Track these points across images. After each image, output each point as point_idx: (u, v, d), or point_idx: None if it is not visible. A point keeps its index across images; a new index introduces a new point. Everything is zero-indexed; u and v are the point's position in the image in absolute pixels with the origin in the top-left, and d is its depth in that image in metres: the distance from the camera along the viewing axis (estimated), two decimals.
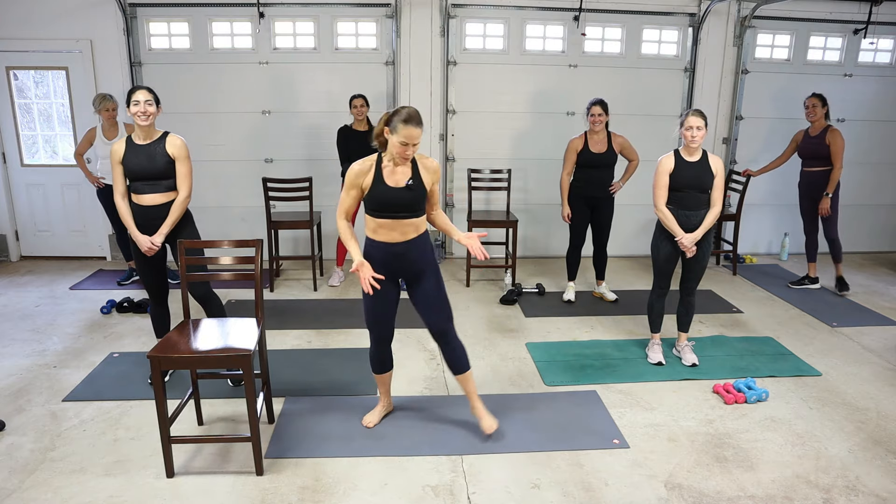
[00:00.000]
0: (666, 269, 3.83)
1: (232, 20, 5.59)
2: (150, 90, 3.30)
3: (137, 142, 3.32)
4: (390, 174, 2.80)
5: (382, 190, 2.78)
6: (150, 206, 3.32)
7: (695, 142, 3.60)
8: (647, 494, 2.68)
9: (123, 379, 3.62)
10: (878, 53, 6.18)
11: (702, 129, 3.58)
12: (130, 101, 3.25)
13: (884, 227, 6.61)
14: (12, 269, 5.74)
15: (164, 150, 3.31)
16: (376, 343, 3.05)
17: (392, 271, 2.91)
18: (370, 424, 3.15)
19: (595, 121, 4.59)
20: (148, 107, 3.24)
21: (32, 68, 5.62)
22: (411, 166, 2.82)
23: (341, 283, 5.35)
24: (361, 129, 5.06)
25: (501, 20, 5.75)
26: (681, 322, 3.98)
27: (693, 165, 3.66)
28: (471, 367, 3.09)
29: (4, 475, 2.73)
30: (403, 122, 2.67)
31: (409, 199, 2.79)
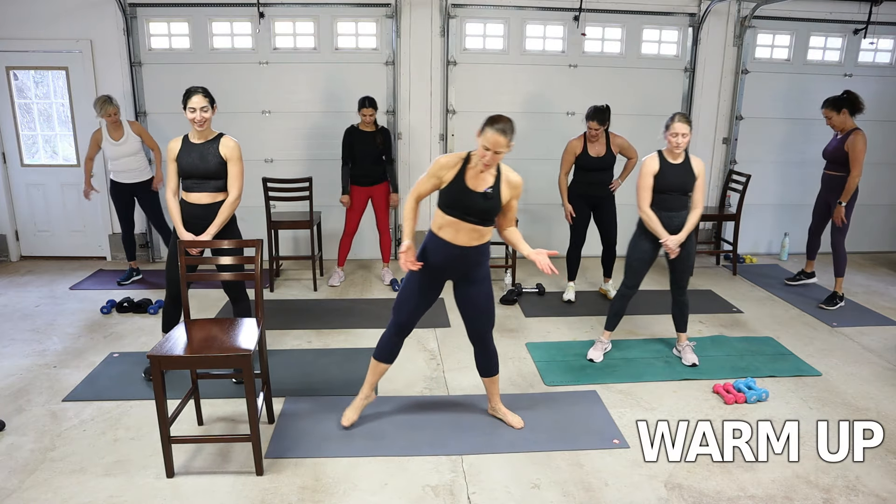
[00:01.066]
0: (639, 269, 3.86)
1: (232, 20, 5.59)
2: (206, 93, 3.32)
3: (193, 140, 3.38)
4: (473, 177, 2.81)
5: (460, 189, 2.79)
6: (196, 205, 3.39)
7: (679, 147, 3.64)
8: (647, 494, 2.68)
9: (123, 379, 3.62)
10: (878, 53, 6.18)
11: (687, 136, 3.62)
12: (187, 105, 3.28)
13: (884, 227, 6.61)
14: (12, 269, 5.74)
15: (216, 151, 3.36)
16: (395, 330, 3.04)
17: (444, 270, 2.93)
18: (348, 423, 3.11)
19: (592, 134, 4.60)
20: (203, 114, 3.29)
21: (32, 68, 5.62)
22: (496, 175, 2.83)
23: (341, 284, 5.33)
24: (368, 130, 5.03)
25: (501, 20, 5.75)
26: (677, 323, 3.99)
27: (677, 168, 3.70)
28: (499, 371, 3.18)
29: (4, 475, 2.73)
30: (491, 126, 2.71)
31: (483, 206, 2.80)
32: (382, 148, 5.05)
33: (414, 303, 2.98)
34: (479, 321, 3.02)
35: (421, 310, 3.02)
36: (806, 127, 6.19)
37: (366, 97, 4.94)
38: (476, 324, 3.03)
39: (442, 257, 2.88)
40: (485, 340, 3.06)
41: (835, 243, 4.89)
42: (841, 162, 4.81)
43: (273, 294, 5.13)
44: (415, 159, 5.94)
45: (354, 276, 5.61)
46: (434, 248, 2.89)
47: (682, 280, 3.88)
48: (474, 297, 2.98)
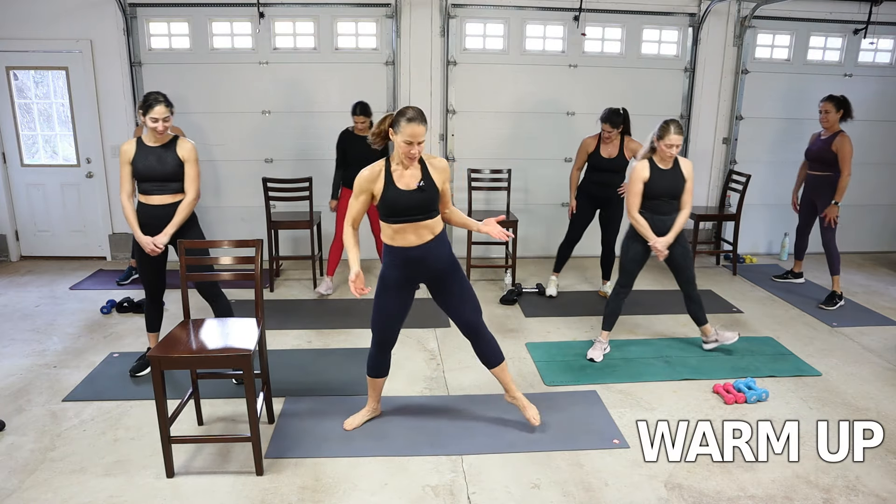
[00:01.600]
0: (631, 269, 3.90)
1: (232, 20, 5.59)
2: (167, 102, 3.31)
3: (148, 143, 3.37)
4: (400, 177, 2.78)
5: (394, 193, 2.76)
6: (157, 206, 3.39)
7: (672, 157, 3.69)
8: (647, 494, 2.68)
9: (123, 379, 3.63)
10: (878, 53, 6.18)
11: (680, 147, 3.66)
12: (147, 113, 3.27)
13: (884, 227, 6.61)
14: (12, 269, 5.74)
15: (174, 153, 3.37)
16: (378, 347, 3.04)
17: (412, 276, 2.92)
18: (350, 427, 3.12)
19: (607, 136, 4.61)
20: (165, 123, 3.31)
21: (32, 68, 5.62)
22: (420, 168, 2.81)
23: (329, 293, 5.13)
24: (363, 135, 4.91)
25: (501, 20, 5.75)
26: (697, 318, 4.02)
27: (667, 173, 3.75)
28: (504, 358, 3.11)
29: (4, 475, 2.73)
30: (407, 120, 2.68)
31: (422, 200, 2.78)
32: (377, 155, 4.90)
33: (390, 317, 2.96)
34: (465, 312, 2.97)
35: (398, 322, 2.99)
36: (806, 127, 6.16)
37: (357, 103, 4.81)
38: (463, 315, 2.97)
39: (405, 265, 2.86)
40: (478, 330, 3.00)
41: (825, 243, 4.93)
42: (827, 162, 4.86)
43: (273, 294, 5.13)
44: None
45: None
46: (396, 261, 2.87)
47: (687, 274, 3.91)
48: (451, 288, 2.94)
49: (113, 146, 5.69)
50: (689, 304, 4.01)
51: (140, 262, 3.51)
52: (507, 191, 5.60)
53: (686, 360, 3.95)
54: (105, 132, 5.67)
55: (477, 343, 3.05)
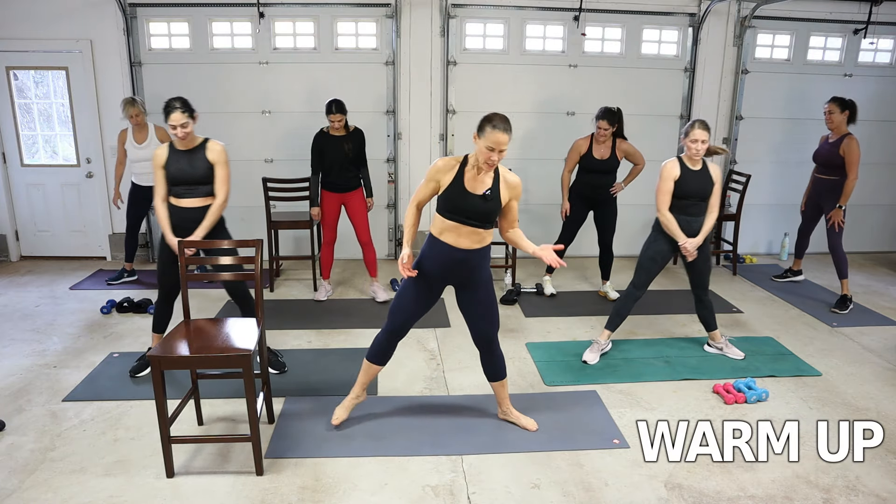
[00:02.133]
0: (650, 269, 3.88)
1: (232, 20, 5.59)
2: (184, 107, 3.34)
3: (179, 148, 3.43)
4: (471, 179, 2.79)
5: (459, 193, 2.77)
6: (187, 209, 3.44)
7: (699, 154, 3.68)
8: (647, 494, 2.68)
9: (123, 379, 3.63)
10: (878, 53, 6.18)
11: (706, 142, 3.65)
12: (168, 118, 3.33)
13: (884, 227, 6.61)
14: (12, 269, 5.74)
15: (203, 156, 3.43)
16: (389, 333, 3.03)
17: (445, 275, 2.93)
18: (338, 422, 3.12)
19: (602, 133, 4.60)
20: (184, 129, 3.34)
21: (32, 68, 5.62)
22: (493, 177, 2.81)
23: (328, 298, 5.01)
24: (339, 134, 4.67)
25: (501, 20, 5.75)
26: (706, 322, 4.02)
27: (697, 175, 3.74)
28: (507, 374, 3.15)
29: (4, 475, 2.73)
30: (492, 126, 2.67)
31: (483, 208, 2.78)
32: (352, 155, 4.67)
33: (411, 308, 2.97)
34: (483, 325, 3.01)
35: (417, 316, 3.01)
36: (806, 127, 6.18)
37: (333, 101, 4.59)
38: (481, 328, 3.01)
39: (443, 262, 2.87)
40: (491, 344, 3.05)
41: (832, 246, 4.86)
42: (835, 165, 4.82)
43: (273, 294, 5.13)
44: (415, 159, 5.94)
45: (354, 277, 5.61)
46: (435, 254, 2.87)
47: (704, 280, 3.90)
48: (478, 300, 2.97)
49: (113, 146, 5.68)
50: (699, 309, 3.98)
51: (161, 264, 3.52)
52: None
53: (686, 360, 3.95)
54: (105, 132, 5.67)
55: (487, 356, 3.08)
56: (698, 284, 3.91)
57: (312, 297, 5.03)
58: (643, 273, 3.89)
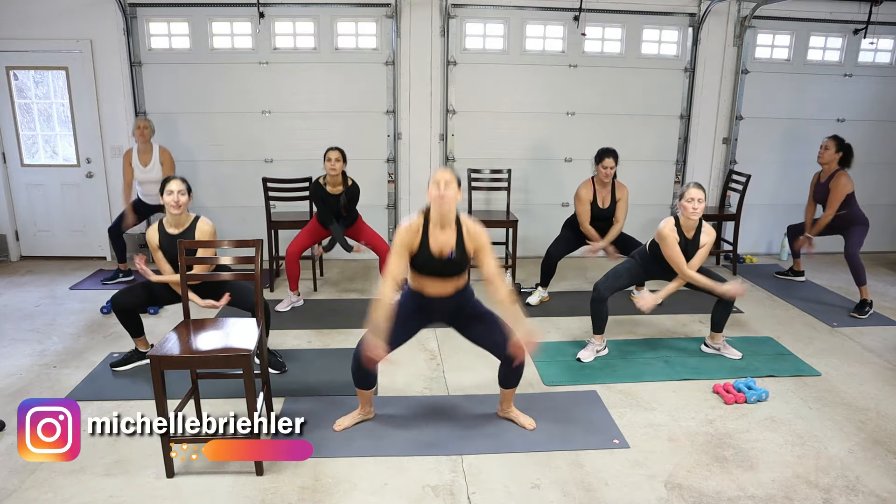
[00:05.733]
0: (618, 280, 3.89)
1: (232, 20, 5.59)
2: (184, 180, 3.42)
3: (169, 230, 3.45)
4: (435, 240, 2.83)
5: (427, 258, 2.84)
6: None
7: (696, 214, 3.66)
8: (647, 494, 2.68)
9: (123, 379, 3.63)
10: (878, 53, 6.18)
11: (703, 202, 3.64)
12: (164, 189, 3.37)
13: (884, 227, 6.61)
14: (12, 269, 5.74)
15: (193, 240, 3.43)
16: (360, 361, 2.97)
17: (428, 318, 3.01)
18: (339, 428, 3.12)
19: (607, 174, 4.55)
20: (181, 196, 3.37)
21: (32, 68, 5.62)
22: (456, 232, 2.85)
23: (290, 310, 4.74)
24: (335, 193, 4.62)
25: (501, 20, 5.75)
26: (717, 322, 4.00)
27: (687, 243, 3.76)
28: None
29: (4, 475, 2.73)
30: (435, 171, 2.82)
31: (451, 268, 2.86)
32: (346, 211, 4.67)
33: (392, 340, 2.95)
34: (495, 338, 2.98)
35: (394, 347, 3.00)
36: (806, 127, 6.19)
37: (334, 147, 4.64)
38: (497, 341, 2.98)
39: (422, 306, 2.97)
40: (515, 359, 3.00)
41: (850, 254, 4.82)
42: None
43: (273, 294, 5.13)
44: (415, 159, 5.94)
45: (354, 277, 5.61)
46: (414, 300, 2.96)
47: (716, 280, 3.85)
48: (484, 329, 3.00)
49: (113, 146, 5.69)
50: (719, 308, 3.94)
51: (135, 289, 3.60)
52: (507, 191, 5.60)
53: (686, 360, 3.95)
54: (105, 132, 5.67)
55: (508, 367, 3.03)
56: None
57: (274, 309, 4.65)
58: (613, 278, 3.90)
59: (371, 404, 3.20)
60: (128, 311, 3.60)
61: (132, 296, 3.59)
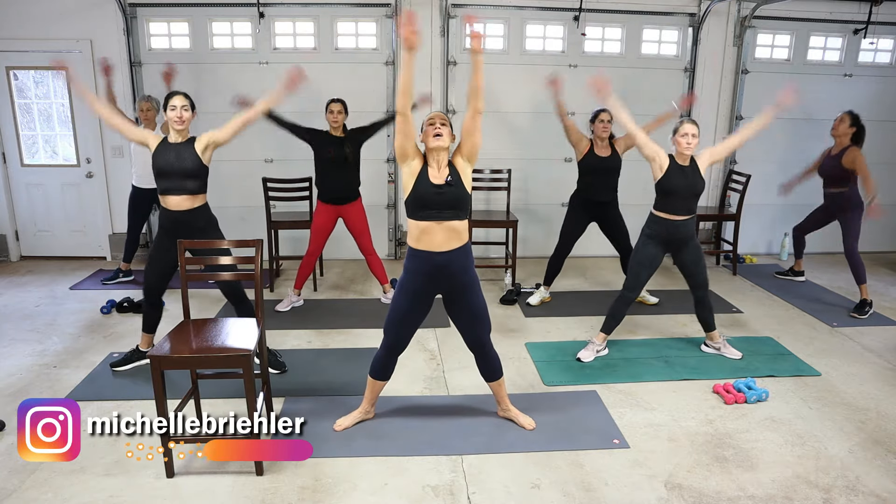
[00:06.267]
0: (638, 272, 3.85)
1: (232, 20, 5.59)
2: (187, 95, 3.43)
3: (171, 140, 3.44)
4: (433, 172, 2.86)
5: (425, 185, 2.82)
6: (176, 211, 3.41)
7: (689, 149, 3.65)
8: (647, 494, 2.68)
9: (123, 379, 3.63)
10: (878, 53, 6.18)
11: (697, 137, 3.64)
12: (167, 105, 3.37)
13: (884, 227, 6.59)
14: (12, 269, 5.74)
15: (192, 149, 3.41)
16: (387, 350, 3.04)
17: (432, 285, 2.93)
18: (340, 428, 3.12)
19: (605, 127, 4.52)
20: (184, 112, 3.37)
21: (32, 68, 5.62)
22: (448, 167, 2.88)
23: (290, 310, 4.73)
24: (336, 125, 4.57)
25: (501, 20, 5.75)
26: (706, 322, 4.00)
27: (685, 170, 3.71)
28: (504, 373, 3.16)
29: (4, 475, 2.73)
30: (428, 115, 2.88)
31: (451, 195, 2.82)
32: (352, 159, 4.56)
33: (405, 324, 2.98)
34: (475, 329, 3.01)
35: (412, 329, 3.02)
36: (806, 127, 6.19)
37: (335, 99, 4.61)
38: (473, 332, 3.02)
39: (426, 271, 2.88)
40: (484, 347, 3.05)
41: (848, 252, 4.82)
42: (841, 178, 4.83)
43: (273, 294, 5.13)
44: None
45: (354, 277, 5.61)
46: (417, 265, 2.89)
47: (698, 279, 3.85)
48: (469, 305, 2.97)
49: (113, 146, 5.69)
50: (698, 309, 3.96)
51: (152, 262, 3.53)
52: (507, 191, 5.60)
53: (686, 360, 3.95)
54: (105, 132, 5.67)
55: (482, 358, 3.09)
56: (695, 285, 3.88)
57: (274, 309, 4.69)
58: (633, 277, 3.88)
59: (374, 404, 3.20)
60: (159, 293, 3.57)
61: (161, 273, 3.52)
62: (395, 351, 3.05)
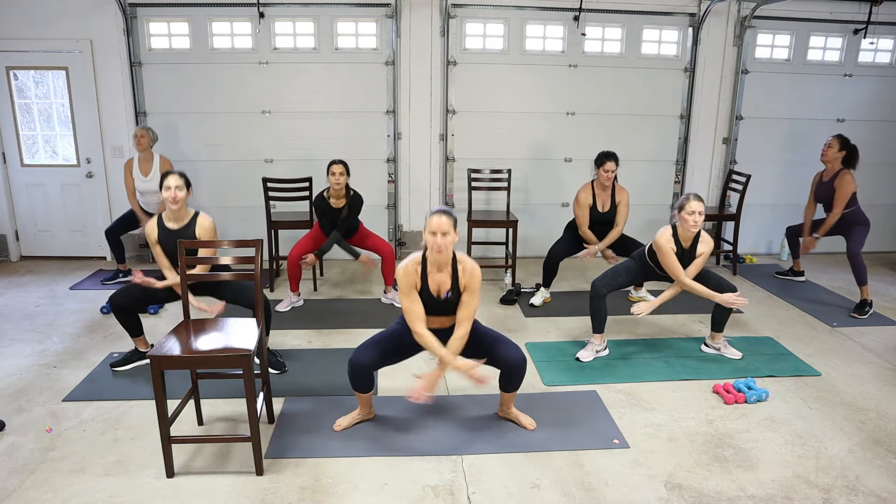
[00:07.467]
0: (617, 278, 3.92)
1: (232, 20, 5.59)
2: (182, 175, 3.44)
3: (169, 225, 3.48)
4: (433, 280, 2.90)
5: (426, 298, 2.92)
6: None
7: (696, 227, 3.66)
8: (647, 494, 2.68)
9: (123, 379, 3.63)
10: (878, 53, 6.18)
11: (703, 214, 3.64)
12: (163, 184, 3.40)
13: (884, 227, 6.61)
14: (12, 269, 5.74)
15: (193, 235, 3.46)
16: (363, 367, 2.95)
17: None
18: (339, 428, 3.12)
19: (608, 177, 4.53)
20: (178, 192, 3.39)
21: (32, 68, 5.62)
22: (452, 274, 2.90)
23: (290, 310, 4.74)
24: (338, 207, 4.61)
25: (501, 20, 5.75)
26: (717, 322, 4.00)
27: (685, 253, 3.78)
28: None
29: (4, 475, 2.73)
30: (431, 213, 2.82)
31: (449, 306, 2.94)
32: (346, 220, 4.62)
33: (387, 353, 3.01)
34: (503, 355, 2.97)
35: (391, 361, 3.06)
36: (806, 127, 6.20)
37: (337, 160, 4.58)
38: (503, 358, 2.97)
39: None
40: (519, 366, 2.98)
41: (852, 254, 4.80)
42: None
43: (273, 294, 5.13)
44: (415, 159, 5.94)
45: (354, 277, 5.61)
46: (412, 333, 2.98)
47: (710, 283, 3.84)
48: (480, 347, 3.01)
49: (113, 146, 5.70)
50: (717, 307, 3.93)
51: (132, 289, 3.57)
52: (507, 191, 5.60)
53: (686, 360, 3.95)
54: (105, 132, 5.68)
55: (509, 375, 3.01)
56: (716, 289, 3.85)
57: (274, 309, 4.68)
58: (611, 276, 3.93)
59: (371, 405, 3.20)
60: (126, 310, 3.59)
61: (129, 296, 3.58)
62: (368, 370, 2.97)
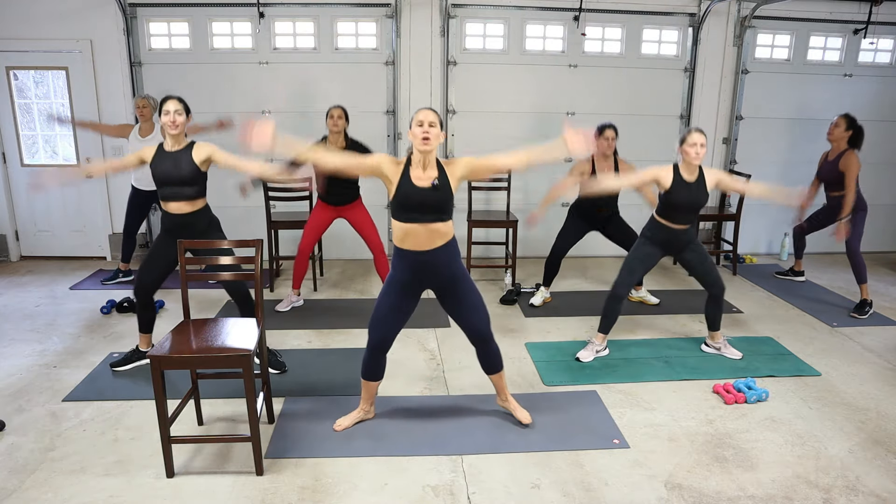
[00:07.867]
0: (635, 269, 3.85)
1: (232, 20, 5.60)
2: (181, 100, 3.46)
3: (167, 149, 3.46)
4: (418, 177, 2.80)
5: (408, 188, 2.77)
6: (176, 214, 3.45)
7: (698, 159, 3.59)
8: (647, 494, 2.68)
9: (123, 379, 3.63)
10: (878, 53, 6.18)
11: (705, 146, 3.58)
12: (161, 110, 3.41)
13: (884, 227, 6.61)
14: (12, 269, 5.74)
15: (189, 158, 3.43)
16: (373, 349, 3.02)
17: (420, 280, 2.92)
18: (339, 428, 3.12)
19: (609, 145, 4.47)
20: (177, 116, 3.40)
21: (32, 68, 5.63)
22: (438, 170, 2.82)
23: (290, 310, 4.73)
24: (336, 130, 4.44)
25: (501, 20, 5.76)
26: (712, 321, 4.00)
27: (690, 186, 3.67)
28: (504, 366, 3.15)
29: (4, 475, 2.73)
30: (417, 110, 2.80)
31: (435, 199, 2.78)
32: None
33: (389, 321, 2.96)
34: (474, 320, 2.98)
35: (396, 327, 2.99)
36: (806, 127, 6.20)
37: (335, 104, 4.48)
38: (472, 324, 2.99)
39: (412, 268, 2.87)
40: (486, 339, 3.03)
41: (850, 252, 4.80)
42: (840, 182, 4.81)
43: (273, 294, 5.13)
44: None
45: (354, 277, 5.61)
46: (403, 263, 2.88)
47: (708, 279, 3.85)
48: (461, 297, 2.95)
49: (113, 146, 5.69)
50: (709, 306, 3.95)
51: (149, 261, 3.52)
52: (507, 191, 5.60)
53: (686, 360, 3.95)
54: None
55: (483, 350, 3.07)
56: (708, 284, 3.86)
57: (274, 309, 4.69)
58: (627, 272, 3.86)
59: (373, 403, 3.20)
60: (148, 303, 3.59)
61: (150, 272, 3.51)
62: (380, 350, 3.02)
